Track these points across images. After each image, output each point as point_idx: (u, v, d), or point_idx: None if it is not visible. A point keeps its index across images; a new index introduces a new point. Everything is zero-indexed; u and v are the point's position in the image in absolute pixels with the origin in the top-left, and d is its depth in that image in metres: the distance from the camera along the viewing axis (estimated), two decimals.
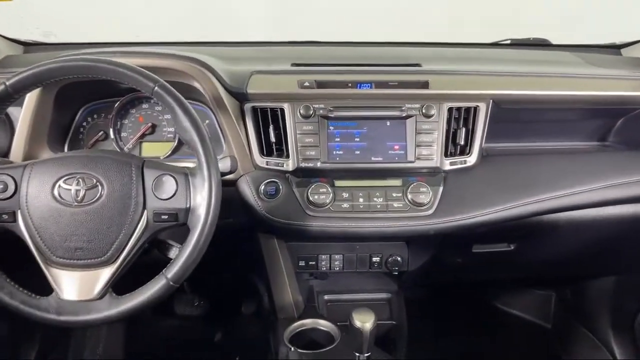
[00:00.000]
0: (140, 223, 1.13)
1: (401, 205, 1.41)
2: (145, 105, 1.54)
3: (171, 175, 1.15)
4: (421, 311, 1.96)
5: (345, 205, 1.40)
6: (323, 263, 1.65)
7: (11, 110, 1.36)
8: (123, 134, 1.54)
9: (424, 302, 2.07)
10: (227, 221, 1.32)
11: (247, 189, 1.42)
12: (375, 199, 1.40)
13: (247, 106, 1.41)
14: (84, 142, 1.51)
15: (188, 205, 1.14)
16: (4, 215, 1.15)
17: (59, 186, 1.12)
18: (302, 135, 1.40)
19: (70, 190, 1.11)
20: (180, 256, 1.13)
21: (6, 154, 1.37)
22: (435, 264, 1.72)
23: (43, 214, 1.11)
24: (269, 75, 1.45)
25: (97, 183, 1.15)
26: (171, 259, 1.13)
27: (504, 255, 1.71)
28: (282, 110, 1.40)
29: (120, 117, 1.53)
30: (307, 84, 1.41)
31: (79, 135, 1.52)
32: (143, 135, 1.53)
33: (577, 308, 2.19)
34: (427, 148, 1.43)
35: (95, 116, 1.53)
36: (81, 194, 1.11)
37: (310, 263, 1.64)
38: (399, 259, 1.66)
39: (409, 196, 1.40)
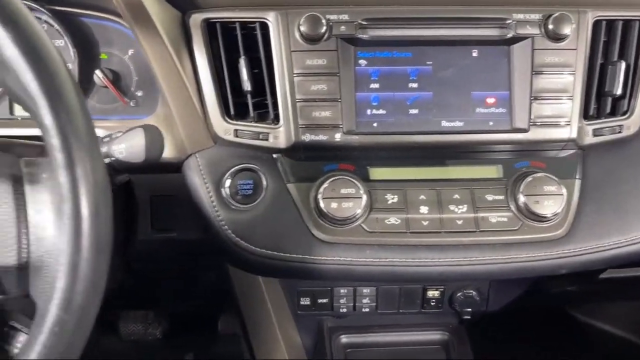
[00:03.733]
0: None
1: (505, 219, 0.80)
2: None
3: None
4: (492, 350, 1.34)
5: (394, 219, 0.80)
6: (342, 301, 1.04)
7: None
8: None
9: (489, 332, 1.43)
10: (168, 236, 0.91)
11: (197, 181, 0.83)
12: (452, 206, 0.81)
13: (195, 20, 0.83)
14: None
15: (23, 258, 0.54)
16: None
17: None
18: (304, 78, 0.81)
19: None
20: None
21: None
22: (529, 297, 1.12)
23: None
24: None
25: None
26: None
27: None
28: (265, 25, 0.82)
29: None
30: None
31: None
32: None
33: None
34: (555, 103, 0.82)
35: None
36: None
37: (321, 301, 1.05)
38: (473, 294, 1.04)
39: (521, 199, 0.80)
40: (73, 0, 0.89)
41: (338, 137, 0.80)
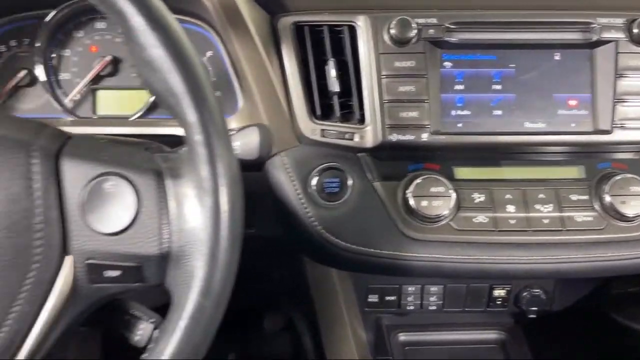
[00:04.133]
0: (57, 288, 0.56)
1: (590, 218, 0.81)
2: (100, 25, 0.97)
3: (125, 179, 0.56)
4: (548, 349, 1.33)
5: (482, 218, 0.81)
6: (410, 298, 1.06)
7: None
8: (63, 76, 0.97)
9: (544, 332, 1.44)
10: (248, 232, 0.80)
11: (284, 179, 0.84)
12: (538, 205, 0.82)
13: (284, 22, 0.85)
14: None
15: (164, 248, 0.56)
16: None
17: None
18: (392, 79, 0.82)
19: None
20: None
21: None
22: (591, 298, 1.12)
23: None
24: None
25: None
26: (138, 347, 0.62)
27: None
28: (353, 29, 0.83)
29: (57, 44, 0.97)
30: None
31: None
32: (98, 78, 0.96)
33: None
34: (638, 105, 0.83)
35: (12, 43, 0.96)
36: None
37: (388, 299, 1.06)
38: (540, 293, 1.05)
39: (606, 199, 0.81)
40: None
41: (425, 137, 0.81)
